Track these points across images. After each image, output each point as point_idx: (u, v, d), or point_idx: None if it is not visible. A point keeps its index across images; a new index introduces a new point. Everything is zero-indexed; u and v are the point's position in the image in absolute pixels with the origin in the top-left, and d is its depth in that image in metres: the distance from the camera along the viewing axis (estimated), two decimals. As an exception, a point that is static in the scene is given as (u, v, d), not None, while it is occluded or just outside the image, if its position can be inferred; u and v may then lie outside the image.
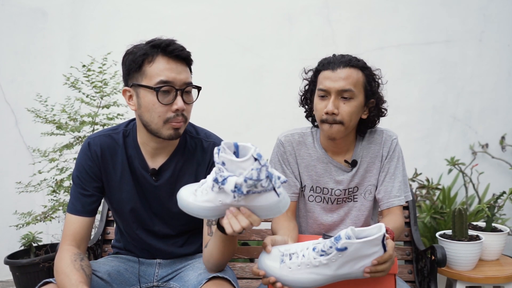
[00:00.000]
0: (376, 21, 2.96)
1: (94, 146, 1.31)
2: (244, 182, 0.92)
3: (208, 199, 1.00)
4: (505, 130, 2.93)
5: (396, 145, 1.45)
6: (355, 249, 1.00)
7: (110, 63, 2.36)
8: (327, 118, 1.33)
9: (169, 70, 1.18)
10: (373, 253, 1.02)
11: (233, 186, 0.93)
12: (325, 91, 1.34)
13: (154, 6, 2.93)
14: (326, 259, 1.01)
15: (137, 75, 1.21)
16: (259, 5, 2.95)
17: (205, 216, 1.02)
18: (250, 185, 0.92)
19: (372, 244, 1.01)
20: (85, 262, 1.20)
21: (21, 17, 2.89)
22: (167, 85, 1.18)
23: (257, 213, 1.00)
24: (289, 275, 1.03)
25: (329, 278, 1.04)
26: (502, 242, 1.91)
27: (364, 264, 1.03)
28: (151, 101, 1.19)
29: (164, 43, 1.19)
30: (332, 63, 1.34)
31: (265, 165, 0.92)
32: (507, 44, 2.94)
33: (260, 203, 0.97)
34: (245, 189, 0.93)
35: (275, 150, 1.51)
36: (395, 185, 1.43)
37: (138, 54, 1.19)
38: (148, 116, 1.21)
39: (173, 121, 1.20)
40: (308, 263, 1.03)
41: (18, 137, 2.90)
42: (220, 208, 1.00)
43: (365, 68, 1.37)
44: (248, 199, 0.96)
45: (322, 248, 1.02)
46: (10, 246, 2.64)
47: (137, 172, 1.32)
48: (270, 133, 2.40)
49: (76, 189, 1.30)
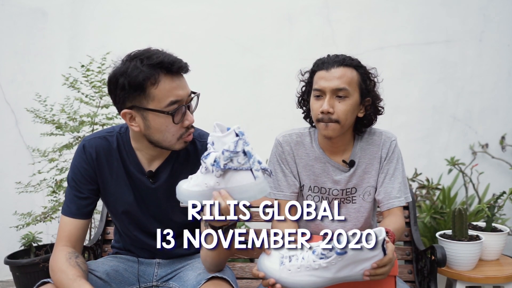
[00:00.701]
0: (376, 21, 2.95)
1: (90, 148, 1.29)
2: (222, 154, 0.97)
3: (196, 183, 1.04)
4: (505, 130, 2.93)
5: (395, 146, 1.45)
6: (355, 253, 1.00)
7: (109, 63, 2.36)
8: (323, 117, 1.34)
9: (176, 88, 1.16)
10: (373, 256, 1.02)
11: (213, 159, 0.98)
12: (320, 90, 1.35)
13: (154, 6, 2.93)
14: (326, 262, 1.01)
15: (140, 98, 1.15)
16: (259, 5, 2.95)
17: (192, 198, 1.04)
18: (227, 157, 0.97)
19: (372, 249, 1.01)
20: (80, 259, 1.20)
21: (21, 17, 2.88)
22: (177, 104, 1.16)
23: (233, 195, 1.01)
24: (288, 277, 1.04)
25: (328, 280, 1.04)
26: (502, 242, 1.91)
27: (363, 267, 1.03)
28: (163, 123, 1.17)
29: (166, 62, 1.14)
30: (326, 63, 1.35)
31: (242, 139, 0.97)
32: (507, 44, 2.93)
33: (236, 182, 1.00)
34: (222, 162, 0.97)
35: (274, 150, 1.51)
36: (395, 186, 1.43)
37: (137, 76, 1.13)
38: (160, 136, 1.19)
39: (186, 136, 1.21)
40: (308, 266, 1.03)
41: (18, 137, 2.90)
42: (206, 192, 1.03)
43: (359, 67, 1.38)
44: (226, 178, 1.00)
45: (321, 252, 1.02)
46: (10, 246, 2.64)
47: (133, 176, 1.31)
48: (270, 133, 2.39)
49: (71, 192, 1.29)
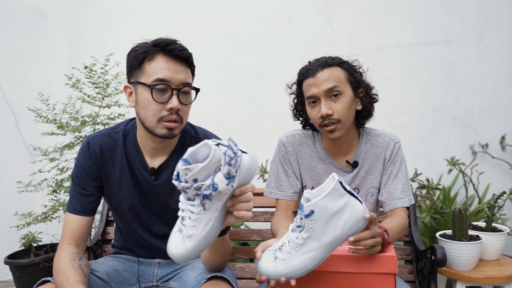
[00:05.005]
0: (376, 21, 2.96)
1: (94, 145, 1.31)
2: (228, 166, 0.90)
3: (207, 222, 0.95)
4: (505, 130, 2.93)
5: (398, 148, 1.46)
6: (321, 207, 0.99)
7: (112, 63, 2.36)
8: (324, 121, 1.34)
9: (167, 69, 1.19)
10: (344, 205, 1.01)
11: (224, 178, 0.91)
12: (313, 97, 1.35)
13: (154, 6, 2.93)
14: (305, 232, 1.01)
15: (137, 72, 1.22)
16: (259, 5, 2.95)
17: (214, 237, 0.98)
18: (234, 163, 0.91)
19: (335, 196, 1.00)
20: (84, 261, 1.21)
21: (21, 17, 2.89)
22: (163, 83, 1.18)
23: (245, 181, 0.97)
24: (287, 267, 1.03)
25: (321, 250, 1.03)
26: (502, 242, 1.91)
27: (340, 225, 1.02)
28: (146, 98, 1.20)
29: (164, 42, 1.20)
30: (310, 69, 1.36)
31: (219, 144, 0.92)
32: (507, 44, 2.94)
33: (243, 173, 0.95)
34: (233, 170, 0.91)
35: (277, 150, 1.51)
36: (398, 187, 1.43)
37: (139, 52, 1.21)
38: (143, 113, 1.22)
39: (167, 120, 1.20)
40: (295, 246, 1.03)
41: (18, 137, 2.90)
42: (218, 217, 0.97)
43: (342, 63, 1.38)
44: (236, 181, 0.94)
45: (296, 225, 1.03)
46: (10, 246, 2.64)
47: (136, 171, 1.32)
48: (270, 133, 2.40)
49: (76, 189, 1.30)
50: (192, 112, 1.32)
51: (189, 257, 0.96)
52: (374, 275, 1.10)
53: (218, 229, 0.99)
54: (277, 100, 2.95)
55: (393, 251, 1.13)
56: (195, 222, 0.94)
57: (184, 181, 0.91)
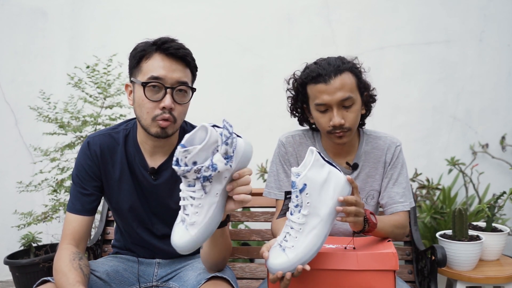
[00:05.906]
0: (376, 21, 2.95)
1: (94, 145, 1.31)
2: (225, 145, 0.92)
3: (208, 207, 0.96)
4: (505, 130, 2.93)
5: (399, 152, 1.45)
6: (311, 179, 1.03)
7: (115, 64, 2.36)
8: (335, 130, 1.32)
9: (162, 67, 1.19)
10: (328, 174, 1.06)
11: (223, 158, 0.93)
12: (325, 105, 1.31)
13: (154, 6, 2.93)
14: (304, 209, 1.03)
15: (135, 70, 1.24)
16: (259, 5, 2.95)
17: (217, 224, 1.00)
18: (230, 143, 0.93)
19: (318, 167, 1.05)
20: (84, 261, 1.20)
21: (21, 17, 2.89)
22: (156, 81, 1.18)
23: (243, 165, 0.99)
24: (298, 252, 1.03)
25: (322, 225, 1.05)
26: (502, 242, 1.91)
27: (332, 192, 1.06)
28: (140, 96, 1.20)
29: (161, 41, 1.20)
30: (323, 75, 1.30)
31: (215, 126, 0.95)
32: (507, 44, 2.94)
33: (239, 155, 0.97)
34: (230, 150, 0.93)
35: (276, 150, 1.51)
36: (399, 191, 1.43)
37: (138, 50, 1.23)
38: (139, 112, 1.23)
39: (159, 119, 1.20)
40: (299, 227, 1.04)
41: (18, 137, 2.90)
42: (219, 202, 0.98)
43: (352, 68, 1.34)
44: (234, 162, 0.97)
45: (294, 205, 1.05)
46: (10, 246, 2.64)
47: (136, 171, 1.32)
48: (270, 133, 2.40)
49: (76, 188, 1.31)
50: (192, 112, 1.32)
51: (194, 245, 0.97)
52: (374, 272, 1.10)
53: (220, 215, 0.99)
54: (277, 100, 2.95)
55: (393, 248, 1.13)
56: (197, 208, 0.96)
57: (183, 164, 0.92)
